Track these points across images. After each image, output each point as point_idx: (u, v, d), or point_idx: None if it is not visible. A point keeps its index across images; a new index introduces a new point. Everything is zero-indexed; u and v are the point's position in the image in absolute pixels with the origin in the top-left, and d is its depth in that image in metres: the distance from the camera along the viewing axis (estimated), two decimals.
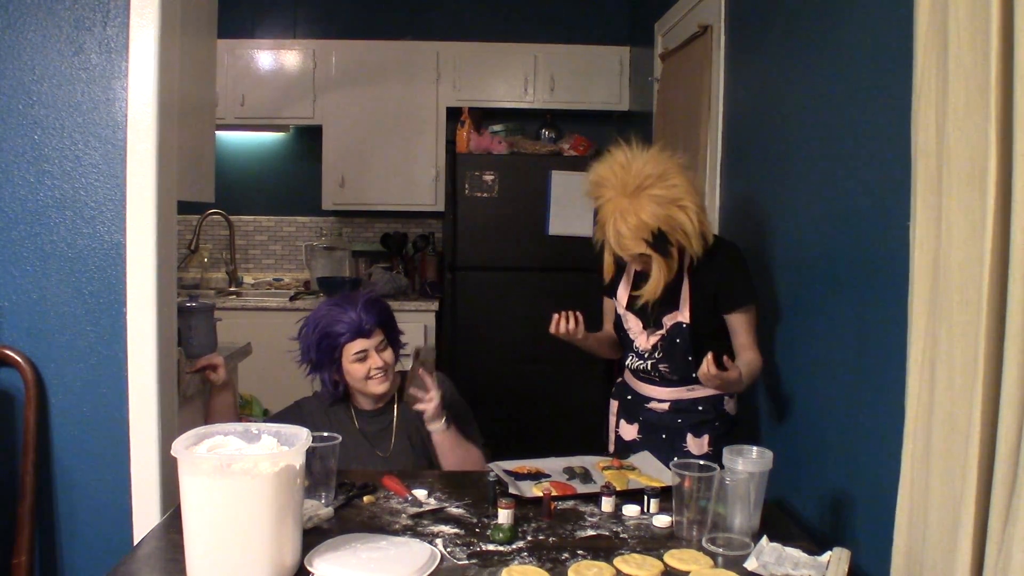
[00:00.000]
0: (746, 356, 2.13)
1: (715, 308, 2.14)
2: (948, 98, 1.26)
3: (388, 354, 2.17)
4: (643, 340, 2.21)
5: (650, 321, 2.19)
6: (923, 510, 1.34)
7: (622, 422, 2.32)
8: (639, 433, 2.25)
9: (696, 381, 2.10)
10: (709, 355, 1.95)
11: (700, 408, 2.18)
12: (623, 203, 1.99)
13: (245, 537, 1.36)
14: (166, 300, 2.07)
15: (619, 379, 2.38)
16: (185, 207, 2.32)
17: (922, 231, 1.36)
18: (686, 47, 3.15)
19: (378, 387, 2.15)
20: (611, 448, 2.37)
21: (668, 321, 2.16)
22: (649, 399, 2.23)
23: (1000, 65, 1.16)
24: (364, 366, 2.13)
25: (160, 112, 1.99)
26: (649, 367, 2.22)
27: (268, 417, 2.66)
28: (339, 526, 1.65)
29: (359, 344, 2.12)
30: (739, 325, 2.14)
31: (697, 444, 2.17)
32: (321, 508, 1.69)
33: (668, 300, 2.16)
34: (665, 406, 2.21)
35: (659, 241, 2.01)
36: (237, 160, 4.78)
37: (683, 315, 2.14)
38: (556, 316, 2.17)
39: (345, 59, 4.47)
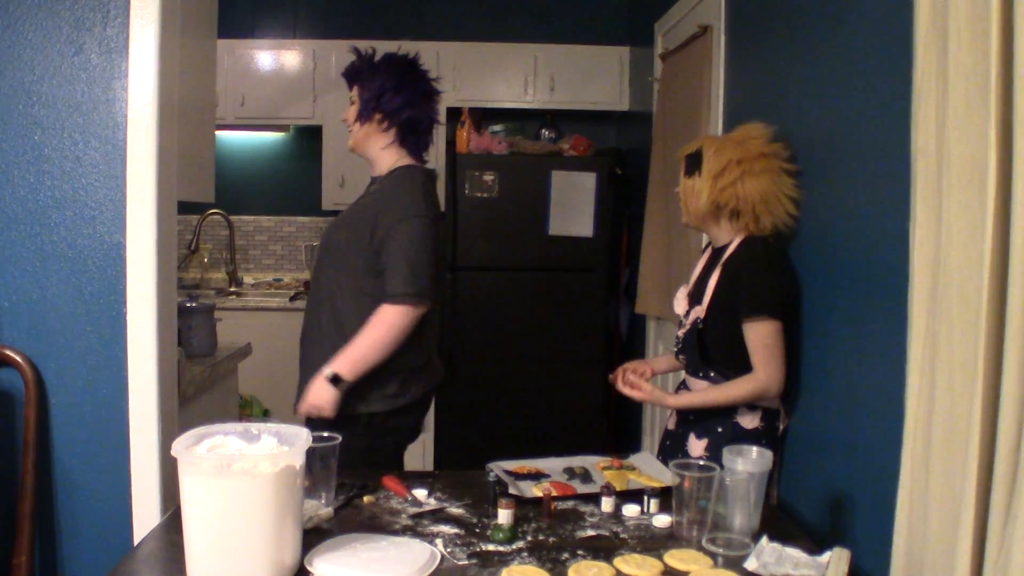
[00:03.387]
0: (742, 379, 1.99)
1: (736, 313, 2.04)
2: (948, 98, 1.26)
3: (351, 110, 2.30)
4: (681, 330, 2.19)
5: (688, 313, 2.16)
6: (923, 510, 1.34)
7: (672, 413, 2.29)
8: (676, 425, 2.22)
9: (712, 379, 2.07)
10: (613, 374, 2.12)
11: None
12: (732, 135, 2.15)
13: (245, 537, 1.36)
14: (166, 300, 2.07)
15: None
16: (185, 207, 2.32)
17: (922, 231, 1.36)
18: (686, 47, 3.15)
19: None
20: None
21: (692, 315, 2.12)
22: (684, 387, 2.21)
23: (1000, 65, 1.16)
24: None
25: (160, 112, 1.99)
26: (676, 357, 2.23)
27: None
28: (339, 526, 1.65)
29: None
30: (748, 338, 1.99)
31: (697, 446, 2.12)
32: (321, 508, 1.69)
33: (698, 292, 2.12)
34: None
35: (692, 158, 2.10)
36: (237, 160, 4.79)
37: (702, 311, 2.08)
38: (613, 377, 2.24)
39: (345, 59, 4.45)
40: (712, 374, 2.08)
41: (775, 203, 2.05)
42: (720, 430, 2.07)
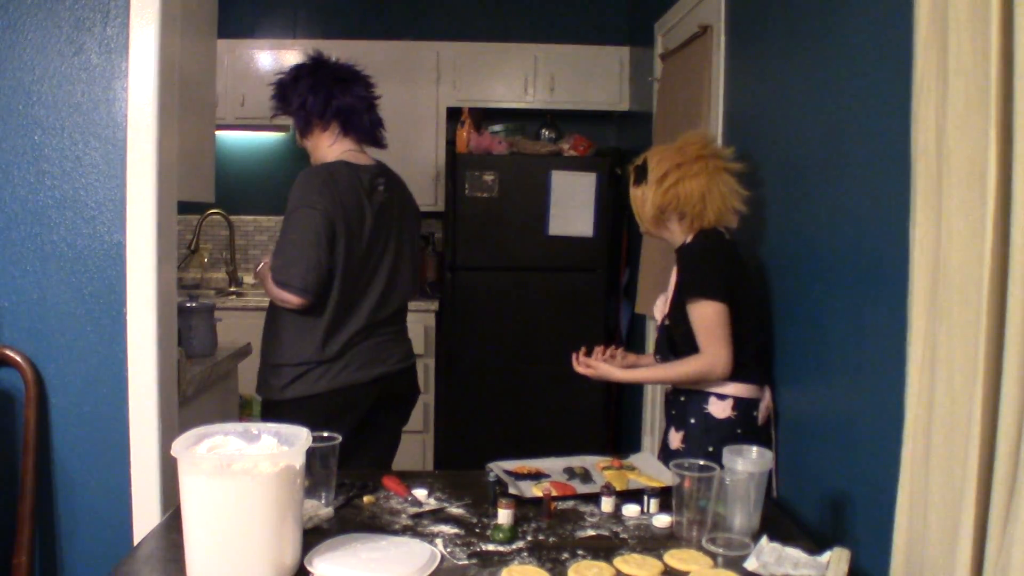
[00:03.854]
0: (688, 357, 2.11)
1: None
2: (948, 98, 1.26)
3: (297, 135, 2.44)
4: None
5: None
6: (923, 510, 1.34)
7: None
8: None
9: None
10: (575, 354, 2.22)
11: (682, 399, 2.21)
12: (678, 144, 2.28)
13: (245, 537, 1.36)
14: (166, 300, 2.07)
15: None
16: (185, 207, 2.32)
17: (922, 231, 1.36)
18: (686, 47, 3.15)
19: None
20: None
21: (660, 315, 2.25)
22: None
23: (1000, 65, 1.16)
24: None
25: (160, 112, 1.99)
26: (656, 359, 2.31)
27: None
28: (339, 526, 1.65)
29: None
30: (691, 320, 2.10)
31: (675, 438, 2.20)
32: (321, 508, 1.69)
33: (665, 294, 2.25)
34: (668, 391, 2.29)
35: (639, 169, 2.25)
36: (237, 160, 4.78)
37: (667, 308, 2.21)
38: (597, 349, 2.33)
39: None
40: None
41: (714, 198, 2.17)
42: (693, 421, 2.15)
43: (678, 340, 2.17)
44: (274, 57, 4.48)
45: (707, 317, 2.08)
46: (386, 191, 2.40)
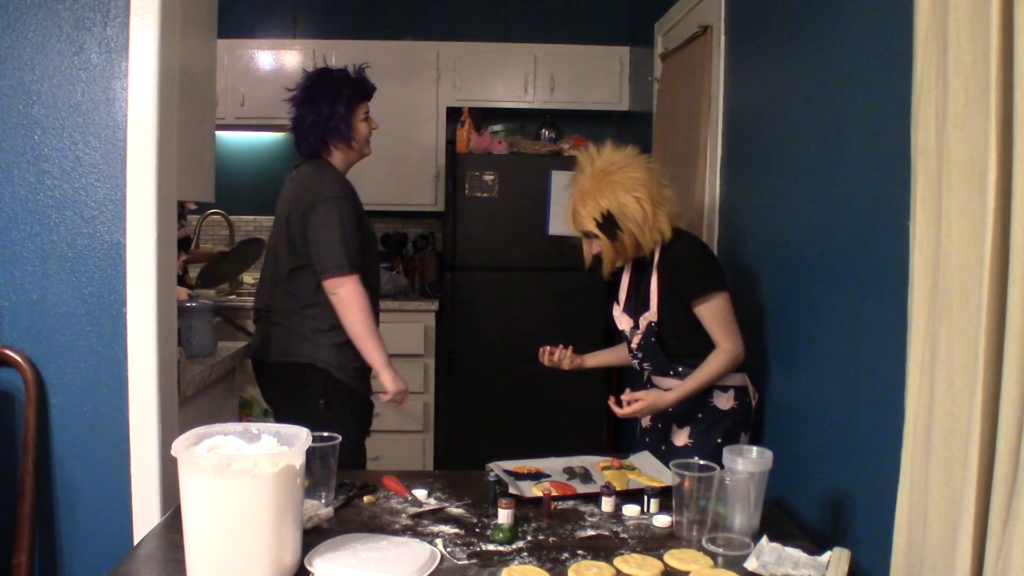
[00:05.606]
0: (712, 355, 2.12)
1: (684, 303, 2.17)
2: (948, 98, 1.26)
3: None
4: (634, 340, 2.29)
5: (635, 323, 2.28)
6: (923, 510, 1.34)
7: None
8: (651, 420, 2.33)
9: (680, 373, 2.19)
10: (611, 399, 2.15)
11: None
12: (587, 185, 2.16)
13: (245, 537, 1.36)
14: (166, 300, 2.07)
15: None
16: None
17: (922, 231, 1.36)
18: (686, 47, 3.15)
19: (369, 149, 2.67)
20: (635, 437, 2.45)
21: (643, 321, 2.24)
22: (653, 386, 2.30)
23: (1000, 65, 1.16)
24: (368, 126, 2.63)
25: (160, 112, 1.99)
26: (639, 366, 2.33)
27: None
28: (339, 526, 1.65)
29: (365, 106, 2.63)
30: (704, 317, 2.15)
31: (680, 435, 2.23)
32: (321, 508, 1.69)
33: (643, 300, 2.24)
34: None
35: (607, 223, 2.14)
36: (237, 160, 4.78)
37: (652, 314, 2.21)
38: (541, 350, 2.38)
39: (345, 59, 4.42)
40: (680, 368, 2.20)
41: (647, 228, 2.13)
42: (700, 415, 2.19)
43: (669, 342, 2.20)
44: (274, 57, 4.48)
45: (721, 309, 2.13)
46: (290, 183, 2.64)
